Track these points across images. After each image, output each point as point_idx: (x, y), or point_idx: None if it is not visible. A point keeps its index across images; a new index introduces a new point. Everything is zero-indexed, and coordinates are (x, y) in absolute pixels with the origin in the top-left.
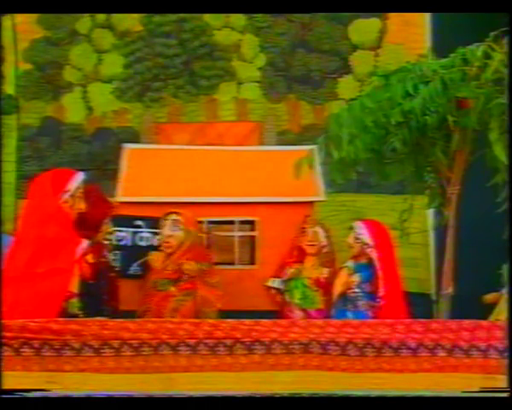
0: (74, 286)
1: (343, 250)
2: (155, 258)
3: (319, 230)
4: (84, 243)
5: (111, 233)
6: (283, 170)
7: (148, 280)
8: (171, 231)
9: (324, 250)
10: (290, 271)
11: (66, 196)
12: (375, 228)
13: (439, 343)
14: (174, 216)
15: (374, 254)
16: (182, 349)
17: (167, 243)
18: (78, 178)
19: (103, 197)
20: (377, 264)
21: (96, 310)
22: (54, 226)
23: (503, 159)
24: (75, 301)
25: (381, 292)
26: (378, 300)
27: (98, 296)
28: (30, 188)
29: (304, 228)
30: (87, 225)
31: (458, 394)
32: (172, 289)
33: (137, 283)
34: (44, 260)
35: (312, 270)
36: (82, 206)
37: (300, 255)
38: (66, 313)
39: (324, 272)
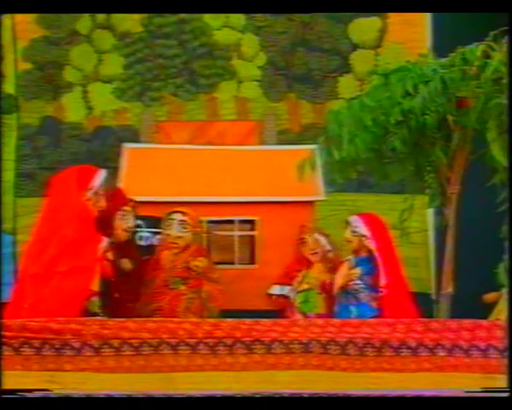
0: (95, 285)
1: (344, 250)
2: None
3: (319, 237)
4: (105, 241)
5: (129, 228)
6: (283, 169)
7: (155, 279)
8: (180, 232)
9: (329, 255)
10: (298, 279)
11: (89, 194)
12: (371, 220)
13: (439, 343)
14: (180, 216)
15: (372, 245)
16: (182, 349)
17: (175, 243)
18: (101, 175)
19: (116, 192)
20: (376, 254)
21: (116, 309)
22: (77, 224)
23: (501, 159)
24: (96, 300)
25: (383, 282)
26: (380, 290)
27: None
28: (51, 185)
29: (302, 238)
30: (103, 225)
31: (458, 393)
32: (183, 287)
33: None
34: (67, 259)
35: (319, 274)
36: (103, 204)
37: (307, 263)
38: (87, 312)
39: (331, 278)
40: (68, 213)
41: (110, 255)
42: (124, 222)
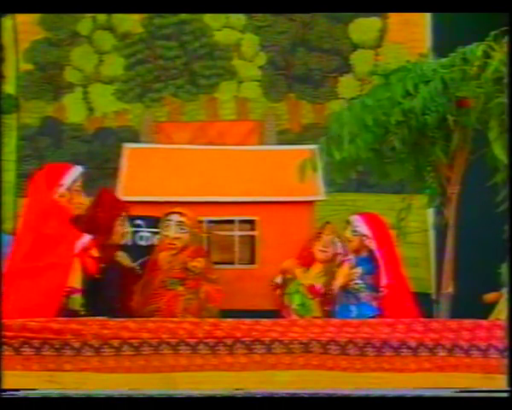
0: (76, 282)
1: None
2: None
3: (336, 240)
4: (86, 238)
5: (126, 233)
6: (283, 169)
7: (153, 279)
8: (178, 233)
9: (337, 259)
10: (287, 262)
11: (61, 190)
12: (372, 220)
13: (440, 343)
14: (178, 217)
15: (373, 245)
16: (182, 349)
17: (173, 244)
18: (75, 171)
19: (115, 199)
20: (377, 254)
21: (103, 307)
22: (51, 221)
23: (502, 158)
24: (77, 297)
25: (384, 281)
26: (381, 289)
27: (106, 294)
28: (28, 185)
29: (320, 234)
30: (99, 228)
31: (458, 393)
32: (180, 288)
33: (138, 280)
34: (43, 256)
35: (313, 277)
36: (82, 200)
37: (309, 260)
38: (67, 309)
39: (326, 283)
40: (41, 210)
41: (94, 252)
42: (122, 228)
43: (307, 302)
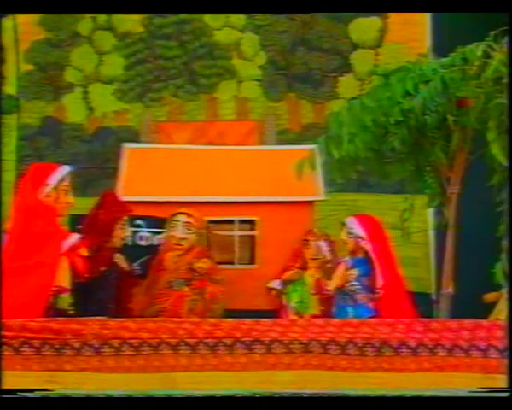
0: (64, 281)
1: (341, 251)
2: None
3: (323, 244)
4: (74, 237)
5: (126, 236)
6: (283, 169)
7: (159, 280)
8: (184, 234)
9: (328, 266)
10: (289, 273)
11: (47, 190)
12: (367, 221)
13: (439, 343)
14: (185, 218)
15: (368, 247)
16: (182, 349)
17: (179, 245)
18: (61, 171)
19: (117, 201)
20: (373, 255)
21: (94, 308)
22: (38, 221)
23: (500, 158)
24: (66, 297)
25: (380, 283)
26: (377, 291)
27: (100, 295)
28: (18, 185)
29: (307, 240)
30: (100, 229)
31: (458, 393)
32: (186, 289)
33: (137, 282)
34: (30, 255)
35: (314, 274)
36: (69, 199)
37: (303, 263)
38: (55, 309)
39: (326, 283)
40: (26, 210)
41: (83, 251)
42: (122, 231)
43: (306, 299)
